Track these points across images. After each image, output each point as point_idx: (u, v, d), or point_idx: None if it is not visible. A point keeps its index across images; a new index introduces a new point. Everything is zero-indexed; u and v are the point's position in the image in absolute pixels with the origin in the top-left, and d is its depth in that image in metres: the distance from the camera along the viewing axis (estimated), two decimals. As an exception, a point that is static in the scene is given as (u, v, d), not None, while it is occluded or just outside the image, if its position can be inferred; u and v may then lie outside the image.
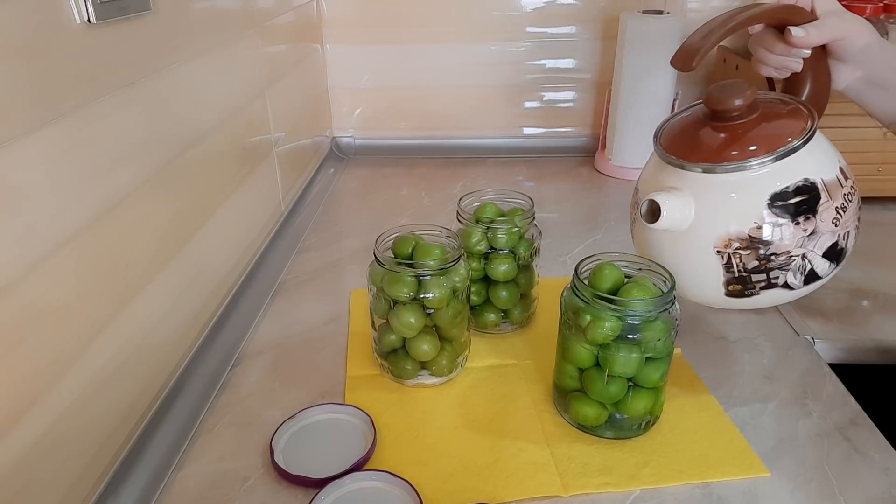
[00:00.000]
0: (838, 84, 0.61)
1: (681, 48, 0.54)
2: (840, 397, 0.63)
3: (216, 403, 0.63)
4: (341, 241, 0.98)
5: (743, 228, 0.53)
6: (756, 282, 0.55)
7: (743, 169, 0.53)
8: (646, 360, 0.55)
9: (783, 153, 0.52)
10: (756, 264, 0.54)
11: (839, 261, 0.55)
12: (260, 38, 0.91)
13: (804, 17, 0.57)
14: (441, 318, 0.63)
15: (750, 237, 0.53)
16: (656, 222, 0.54)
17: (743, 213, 0.53)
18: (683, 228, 0.55)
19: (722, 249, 0.54)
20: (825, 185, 0.53)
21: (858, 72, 0.60)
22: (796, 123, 0.55)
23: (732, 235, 0.53)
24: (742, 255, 0.54)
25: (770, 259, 0.53)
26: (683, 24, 1.11)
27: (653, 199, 0.54)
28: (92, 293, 0.50)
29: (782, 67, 0.60)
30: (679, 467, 0.55)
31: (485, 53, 1.29)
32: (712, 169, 0.54)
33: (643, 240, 0.61)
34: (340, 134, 1.37)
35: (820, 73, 0.60)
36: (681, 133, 0.59)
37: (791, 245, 0.53)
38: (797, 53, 0.58)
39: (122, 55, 0.54)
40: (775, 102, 0.59)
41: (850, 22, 0.57)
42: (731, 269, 0.54)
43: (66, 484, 0.47)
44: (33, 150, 0.43)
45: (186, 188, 0.67)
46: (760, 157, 0.53)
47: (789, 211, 0.52)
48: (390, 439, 0.58)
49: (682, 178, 0.55)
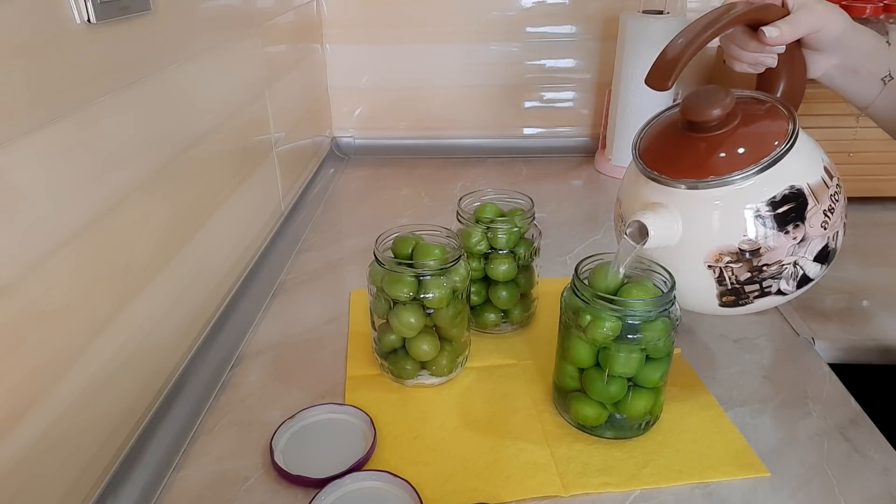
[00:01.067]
0: (814, 73, 0.61)
1: (654, 66, 0.52)
2: (840, 397, 0.63)
3: (216, 403, 0.63)
4: (341, 241, 0.99)
5: (732, 242, 0.52)
6: (749, 292, 0.54)
7: (727, 183, 0.52)
8: (646, 360, 0.55)
9: (767, 163, 0.51)
10: (748, 276, 0.53)
11: (829, 261, 0.55)
12: (260, 38, 0.91)
13: (776, 14, 0.56)
14: (441, 318, 0.63)
15: (740, 250, 0.52)
16: (645, 244, 0.53)
17: (731, 226, 0.52)
18: (672, 244, 0.54)
19: (713, 264, 0.53)
20: (811, 189, 0.52)
21: (833, 59, 0.59)
22: (777, 127, 0.54)
23: (722, 249, 0.53)
24: (734, 268, 0.53)
25: (762, 270, 0.53)
26: (683, 24, 1.10)
27: (639, 220, 0.53)
28: (92, 293, 0.50)
29: (757, 63, 0.59)
30: (679, 467, 0.55)
31: (484, 53, 1.29)
32: (696, 185, 0.53)
33: None
34: (340, 134, 1.37)
35: (795, 64, 0.59)
36: (661, 145, 0.57)
37: (782, 254, 0.52)
38: (771, 50, 0.58)
39: (122, 55, 0.54)
40: (753, 103, 0.57)
41: (822, 13, 0.57)
42: (724, 282, 0.54)
43: (66, 484, 0.47)
44: (33, 150, 0.43)
45: (186, 188, 0.67)
46: (744, 170, 0.51)
47: (778, 221, 0.52)
48: (390, 439, 0.58)
49: (666, 195, 0.54)
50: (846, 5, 0.97)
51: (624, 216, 0.59)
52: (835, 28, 0.57)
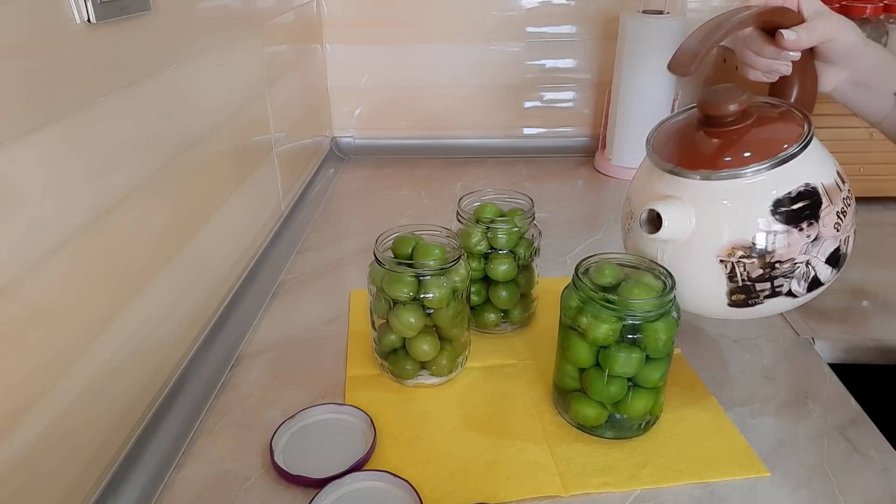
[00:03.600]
0: (826, 86, 0.61)
1: (678, 53, 0.54)
2: (840, 397, 0.63)
3: (216, 403, 0.63)
4: (341, 241, 0.99)
5: (746, 236, 0.52)
6: (760, 290, 0.54)
7: (743, 176, 0.52)
8: (646, 360, 0.55)
9: (783, 158, 0.52)
10: (760, 273, 0.53)
11: (840, 266, 0.55)
12: (260, 38, 0.91)
13: (793, 19, 0.57)
14: (441, 318, 0.63)
15: (753, 245, 0.52)
16: (657, 233, 0.53)
17: (745, 220, 0.52)
18: (684, 238, 0.54)
19: (725, 258, 0.53)
20: (826, 189, 0.52)
21: (845, 72, 0.60)
22: (792, 128, 0.54)
23: (735, 244, 0.53)
24: (746, 264, 0.53)
25: (774, 267, 0.52)
26: (683, 24, 1.11)
27: (653, 209, 0.53)
28: (92, 293, 0.50)
29: (771, 71, 0.60)
30: (679, 467, 0.55)
31: (485, 53, 1.29)
32: (711, 176, 0.53)
33: (639, 251, 0.60)
34: (340, 134, 1.37)
35: (807, 75, 0.60)
36: (675, 139, 0.58)
37: (795, 252, 0.52)
38: (787, 56, 0.58)
39: (122, 55, 0.54)
40: (767, 107, 0.58)
41: (837, 23, 0.58)
42: (735, 279, 0.54)
43: (66, 484, 0.47)
44: (33, 151, 0.43)
45: (186, 188, 0.67)
46: (760, 163, 0.52)
47: (792, 217, 0.52)
48: (390, 439, 0.58)
49: (679, 187, 0.54)
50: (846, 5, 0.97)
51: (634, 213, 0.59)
52: (847, 39, 0.58)
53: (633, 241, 0.61)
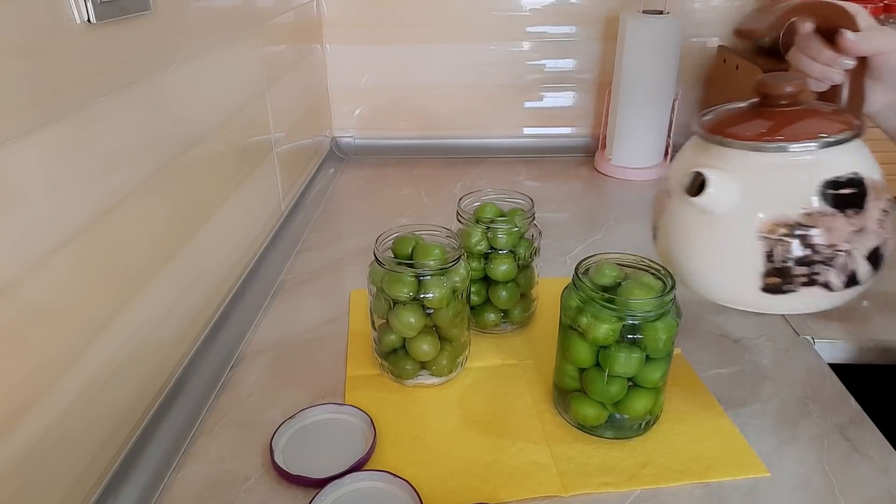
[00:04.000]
0: (871, 105, 0.60)
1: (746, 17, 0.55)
2: (840, 397, 0.63)
3: (216, 403, 0.63)
4: (341, 241, 0.99)
5: (790, 213, 0.50)
6: (797, 275, 0.52)
7: (791, 151, 0.51)
8: (646, 360, 0.55)
9: (833, 142, 0.51)
10: (800, 254, 0.51)
11: (878, 267, 0.54)
12: (260, 38, 0.91)
13: (851, 25, 0.56)
14: (441, 318, 0.63)
15: (798, 223, 0.50)
16: (699, 196, 0.51)
17: (792, 196, 0.51)
18: (720, 211, 0.52)
19: (766, 235, 0.51)
20: (872, 183, 0.51)
21: (892, 94, 0.59)
22: (844, 118, 0.54)
23: (779, 220, 0.51)
24: (787, 244, 0.51)
25: (816, 250, 0.51)
26: (683, 24, 1.11)
27: (699, 172, 0.51)
28: (92, 293, 0.50)
29: (824, 78, 0.59)
30: (679, 467, 0.55)
31: (485, 53, 1.29)
32: (761, 147, 0.52)
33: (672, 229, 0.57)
34: (340, 134, 1.37)
35: (856, 90, 0.59)
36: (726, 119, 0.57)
37: (838, 239, 0.50)
38: (842, 64, 0.57)
39: (122, 55, 0.54)
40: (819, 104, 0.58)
41: (893, 37, 0.57)
42: (773, 258, 0.51)
43: (66, 484, 0.47)
44: (33, 150, 0.43)
45: (186, 188, 0.67)
46: (814, 141, 0.51)
47: (841, 201, 0.50)
48: (390, 439, 0.58)
49: (727, 158, 0.53)
50: (846, 5, 0.97)
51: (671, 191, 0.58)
52: None
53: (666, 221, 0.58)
